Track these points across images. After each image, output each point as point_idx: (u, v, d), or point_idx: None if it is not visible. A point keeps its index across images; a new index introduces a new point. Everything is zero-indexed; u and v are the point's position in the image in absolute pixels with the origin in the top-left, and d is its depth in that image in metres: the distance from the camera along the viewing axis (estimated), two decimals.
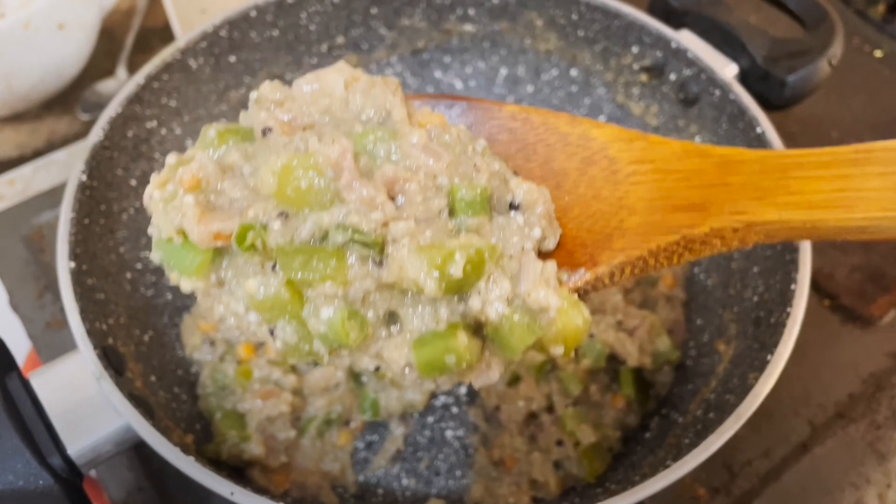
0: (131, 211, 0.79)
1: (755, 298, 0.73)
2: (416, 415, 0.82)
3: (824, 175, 0.46)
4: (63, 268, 0.66)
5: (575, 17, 0.91)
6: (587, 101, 0.97)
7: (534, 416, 0.79)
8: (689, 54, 0.83)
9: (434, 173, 0.47)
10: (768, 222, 0.46)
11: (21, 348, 0.89)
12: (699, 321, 0.83)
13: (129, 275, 0.77)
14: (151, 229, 0.47)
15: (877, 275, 0.92)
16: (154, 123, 0.82)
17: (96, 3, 1.08)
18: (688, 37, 0.85)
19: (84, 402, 0.60)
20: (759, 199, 0.47)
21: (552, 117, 0.54)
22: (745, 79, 0.83)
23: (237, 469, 0.74)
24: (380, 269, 0.44)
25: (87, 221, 0.71)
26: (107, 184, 0.75)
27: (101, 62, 1.17)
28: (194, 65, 0.85)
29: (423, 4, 0.94)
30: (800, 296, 0.66)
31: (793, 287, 0.66)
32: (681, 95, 0.87)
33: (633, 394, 0.79)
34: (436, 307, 0.45)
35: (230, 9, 0.86)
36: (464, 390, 0.83)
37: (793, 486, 0.77)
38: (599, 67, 0.93)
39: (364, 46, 0.96)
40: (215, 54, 0.86)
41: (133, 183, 0.79)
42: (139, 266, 0.79)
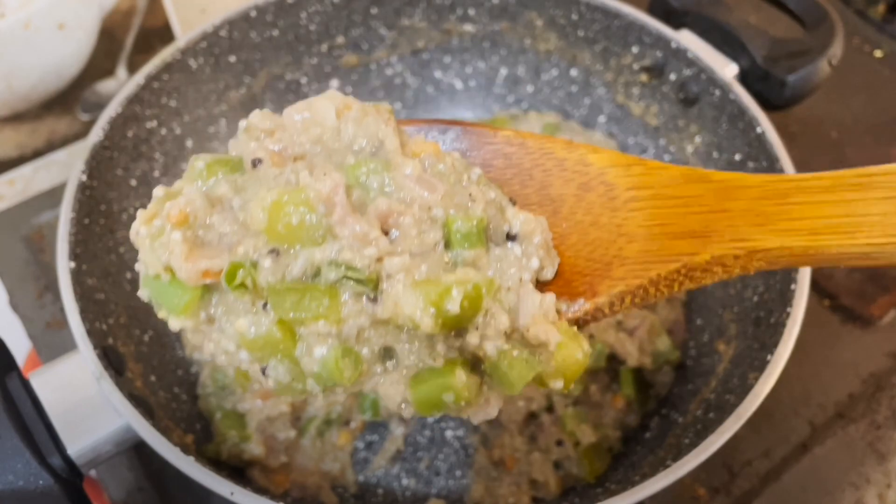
0: (131, 211, 0.79)
1: (755, 298, 0.73)
2: (415, 417, 0.82)
3: (826, 200, 0.45)
4: (63, 268, 0.66)
5: (575, 17, 0.91)
6: (587, 101, 0.97)
7: (534, 416, 0.79)
8: (689, 54, 0.83)
9: (429, 205, 0.45)
10: (770, 249, 0.46)
11: (21, 348, 0.89)
12: (699, 321, 0.83)
13: (129, 275, 0.77)
14: (139, 265, 0.46)
15: (877, 275, 0.92)
16: (154, 123, 0.82)
17: (96, 3, 1.08)
18: (688, 37, 0.85)
19: (84, 402, 0.60)
20: (761, 225, 0.46)
21: (548, 142, 0.53)
22: (745, 79, 0.83)
23: (237, 469, 0.74)
24: (374, 306, 0.43)
25: (87, 221, 0.71)
26: (107, 184, 0.75)
27: (101, 62, 1.17)
28: (194, 65, 0.85)
29: (423, 4, 0.94)
30: (800, 296, 0.66)
31: (793, 287, 0.66)
32: (681, 95, 0.87)
33: (633, 394, 0.79)
34: (432, 343, 0.44)
35: (230, 9, 0.86)
36: None
37: (793, 486, 0.77)
38: (599, 67, 0.93)
39: (364, 46, 0.96)
40: (215, 54, 0.86)
41: (133, 183, 0.79)
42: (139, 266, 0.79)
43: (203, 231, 0.45)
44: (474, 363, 0.46)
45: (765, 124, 0.76)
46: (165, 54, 0.81)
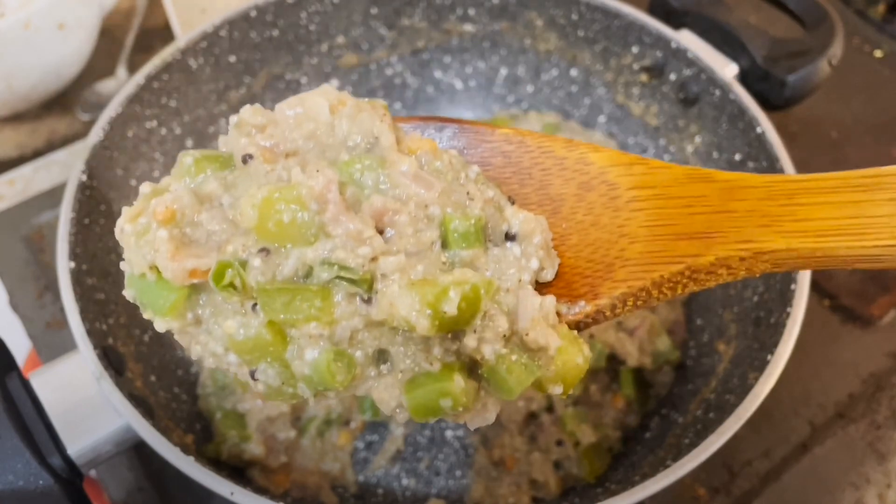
0: None
1: (755, 298, 0.73)
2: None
3: (833, 201, 0.44)
4: (63, 268, 0.66)
5: (575, 17, 0.91)
6: (587, 101, 0.97)
7: (534, 416, 0.79)
8: (689, 54, 0.83)
9: (425, 203, 0.44)
10: (776, 251, 0.44)
11: (21, 348, 0.89)
12: (699, 321, 0.83)
13: None
14: (123, 265, 0.44)
15: (877, 275, 0.92)
16: (154, 123, 0.82)
17: (96, 3, 1.08)
18: (688, 37, 0.85)
19: (84, 402, 0.60)
20: (766, 226, 0.45)
21: (548, 140, 0.52)
22: (745, 79, 0.83)
23: (237, 469, 0.74)
24: (368, 307, 0.41)
25: (87, 221, 0.71)
26: (107, 184, 0.75)
27: (101, 62, 1.17)
28: (194, 65, 0.85)
29: (423, 4, 0.94)
30: (800, 296, 0.66)
31: (793, 287, 0.66)
32: (681, 95, 0.87)
33: (633, 394, 0.79)
34: (428, 346, 0.43)
35: (230, 9, 0.86)
36: None
37: (793, 486, 0.77)
38: (599, 67, 0.93)
39: (364, 46, 0.96)
40: (215, 54, 0.86)
41: (133, 183, 0.79)
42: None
43: (191, 229, 0.43)
44: (471, 367, 0.44)
45: (765, 124, 0.76)
46: (165, 54, 0.81)
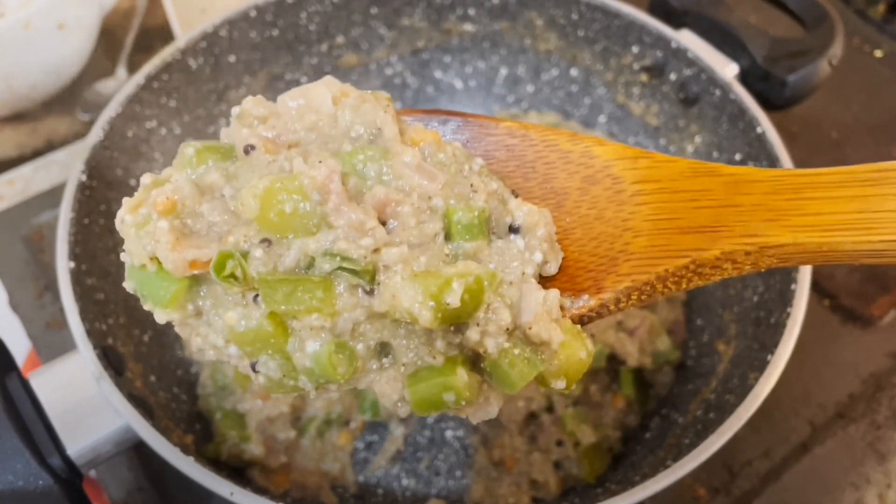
0: None
1: (755, 298, 0.73)
2: (414, 416, 0.81)
3: (840, 196, 0.43)
4: (63, 268, 0.66)
5: (575, 16, 0.91)
6: (587, 101, 0.97)
7: (534, 416, 0.79)
8: (690, 54, 0.83)
9: (428, 195, 0.44)
10: (782, 245, 0.44)
11: (21, 348, 0.89)
12: (699, 321, 0.83)
13: None
14: (124, 256, 0.44)
15: (877, 275, 0.92)
16: (154, 123, 0.82)
17: (96, 3, 1.08)
18: (688, 37, 0.85)
19: (84, 402, 0.60)
20: (772, 220, 0.44)
21: (552, 134, 0.52)
22: (745, 79, 0.83)
23: (237, 469, 0.74)
24: (370, 299, 0.41)
25: (86, 221, 0.71)
26: (106, 184, 0.75)
27: (101, 62, 1.17)
28: (194, 65, 0.85)
29: (423, 4, 0.94)
30: (800, 296, 0.66)
31: (793, 287, 0.66)
32: (681, 95, 0.86)
33: (633, 394, 0.79)
34: (431, 339, 0.43)
35: (230, 9, 0.86)
36: None
37: (793, 486, 0.77)
38: (599, 67, 0.93)
39: (364, 46, 0.96)
40: (215, 54, 0.86)
41: (133, 183, 0.79)
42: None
43: (192, 220, 0.43)
44: (474, 361, 0.44)
45: (765, 124, 0.76)
46: (165, 54, 0.81)
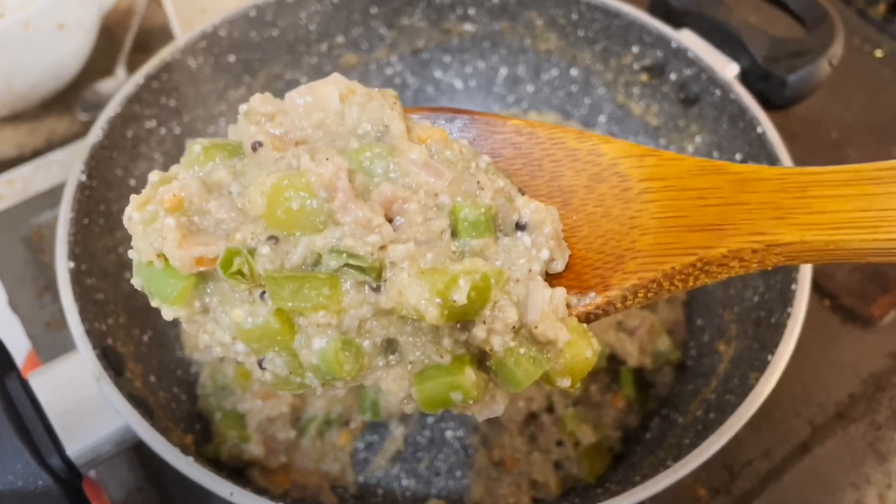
0: None
1: (755, 298, 0.73)
2: (416, 415, 0.81)
3: (847, 194, 0.44)
4: (62, 268, 0.66)
5: (575, 16, 0.91)
6: (587, 100, 0.97)
7: (534, 417, 0.79)
8: (690, 54, 0.83)
9: (435, 192, 0.44)
10: (789, 243, 0.44)
11: (21, 348, 0.89)
12: (699, 321, 0.83)
13: (128, 275, 0.76)
14: (131, 252, 0.44)
15: (877, 275, 0.92)
16: (153, 123, 0.82)
17: (96, 3, 1.08)
18: (688, 36, 0.85)
19: (84, 402, 0.60)
20: (779, 219, 0.44)
21: (559, 132, 0.52)
22: (745, 78, 0.83)
23: (237, 469, 0.74)
24: (377, 296, 0.41)
25: (86, 221, 0.71)
26: (106, 184, 0.75)
27: (100, 62, 1.17)
28: (194, 65, 0.85)
29: (423, 4, 0.94)
30: (800, 296, 0.66)
31: (793, 287, 0.66)
32: (681, 95, 0.86)
33: (634, 394, 0.79)
34: (437, 336, 0.43)
35: (230, 9, 0.86)
36: None
37: (793, 486, 0.77)
38: (599, 67, 0.93)
39: (364, 46, 0.96)
40: (215, 54, 0.86)
41: (132, 183, 0.79)
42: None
43: (199, 217, 0.43)
44: (480, 359, 0.44)
45: (765, 124, 0.76)
46: (165, 54, 0.81)
